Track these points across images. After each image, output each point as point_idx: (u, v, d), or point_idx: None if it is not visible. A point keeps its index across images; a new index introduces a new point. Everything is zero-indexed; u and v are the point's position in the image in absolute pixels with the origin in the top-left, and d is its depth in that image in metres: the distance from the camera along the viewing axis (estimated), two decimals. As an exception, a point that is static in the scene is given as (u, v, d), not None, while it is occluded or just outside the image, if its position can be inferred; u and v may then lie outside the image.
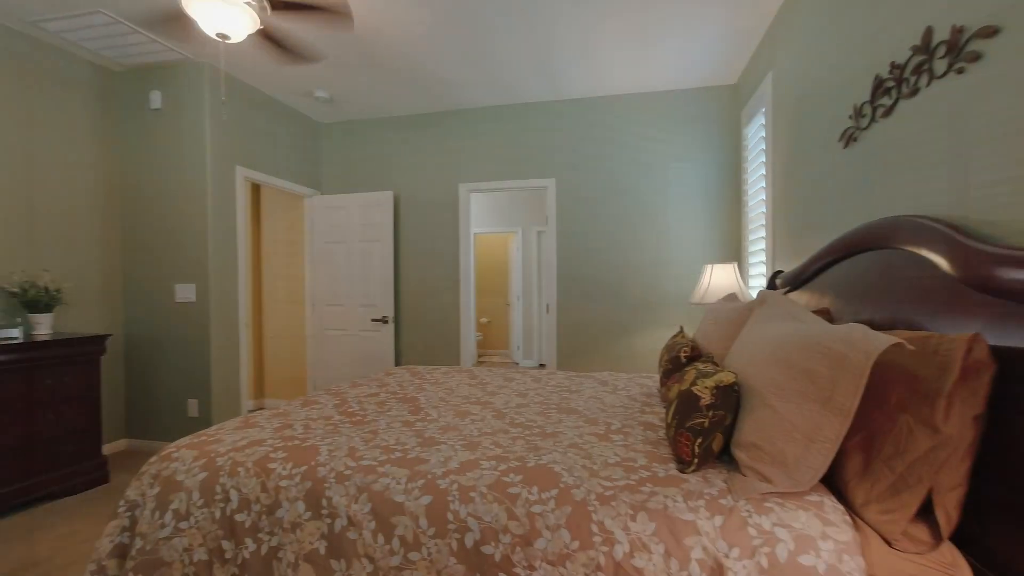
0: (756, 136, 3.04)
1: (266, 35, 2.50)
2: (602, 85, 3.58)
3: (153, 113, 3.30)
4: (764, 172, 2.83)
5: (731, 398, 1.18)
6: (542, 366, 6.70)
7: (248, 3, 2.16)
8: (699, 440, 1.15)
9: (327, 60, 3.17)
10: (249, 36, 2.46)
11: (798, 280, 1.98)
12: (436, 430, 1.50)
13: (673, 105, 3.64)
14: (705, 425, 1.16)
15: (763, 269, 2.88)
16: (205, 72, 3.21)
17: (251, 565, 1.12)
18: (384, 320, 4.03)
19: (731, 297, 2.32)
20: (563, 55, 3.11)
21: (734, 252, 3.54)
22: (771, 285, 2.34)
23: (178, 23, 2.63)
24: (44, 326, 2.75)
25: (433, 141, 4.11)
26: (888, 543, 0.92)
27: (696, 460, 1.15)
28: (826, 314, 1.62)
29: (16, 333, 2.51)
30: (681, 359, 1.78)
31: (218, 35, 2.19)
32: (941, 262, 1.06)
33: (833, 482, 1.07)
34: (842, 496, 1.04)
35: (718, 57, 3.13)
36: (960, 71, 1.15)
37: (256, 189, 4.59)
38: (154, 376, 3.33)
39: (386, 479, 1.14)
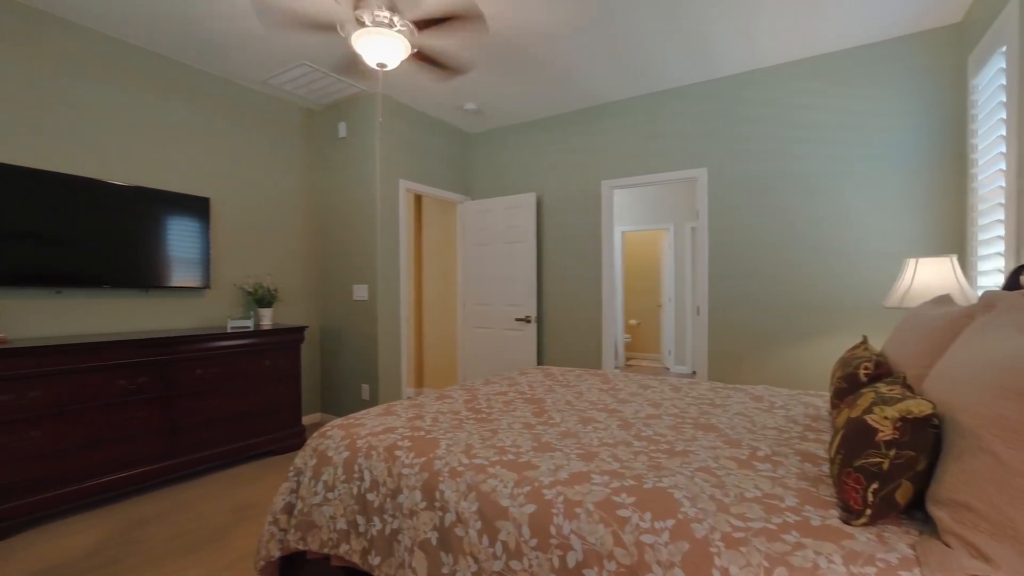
0: (992, 86, 2.29)
1: (422, 57, 2.76)
2: (762, 55, 3.10)
3: (340, 141, 3.93)
4: (1003, 132, 2.12)
5: (925, 435, 0.89)
6: (694, 374, 6.14)
7: (399, 31, 2.42)
8: (874, 485, 0.90)
9: (474, 74, 3.39)
10: (406, 62, 2.76)
11: (1059, 277, 1.41)
12: (555, 435, 1.45)
13: (859, 65, 2.97)
14: (884, 467, 0.89)
15: (999, 263, 2.15)
16: (375, 101, 3.70)
17: (377, 542, 1.23)
18: (527, 320, 4.14)
19: (944, 299, 1.77)
20: (714, 27, 2.78)
21: (952, 242, 2.73)
22: (1012, 284, 1.72)
23: (352, 61, 3.08)
24: (266, 318, 3.49)
25: (574, 140, 4.07)
26: None
27: (869, 511, 0.90)
28: (1108, 326, 1.11)
29: (249, 323, 3.24)
30: (860, 377, 1.42)
31: (378, 64, 2.51)
32: None
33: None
34: None
35: (929, -7, 2.45)
36: None
37: (418, 198, 5.14)
38: (338, 362, 3.97)
39: (494, 480, 1.13)
